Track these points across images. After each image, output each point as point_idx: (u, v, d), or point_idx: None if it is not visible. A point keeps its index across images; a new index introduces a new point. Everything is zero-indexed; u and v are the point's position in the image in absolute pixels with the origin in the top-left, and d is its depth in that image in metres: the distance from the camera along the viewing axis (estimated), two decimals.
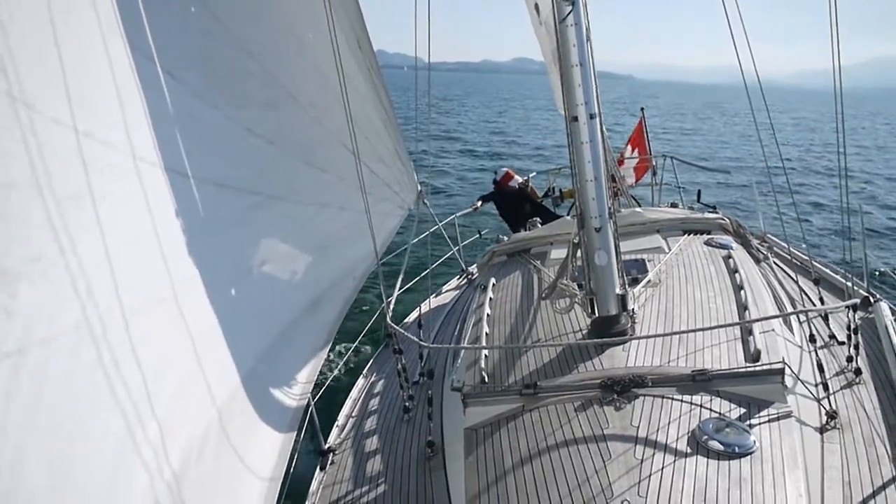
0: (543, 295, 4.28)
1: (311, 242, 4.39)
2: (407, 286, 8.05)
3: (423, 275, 6.88)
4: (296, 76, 4.18)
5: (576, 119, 3.64)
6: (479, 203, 9.47)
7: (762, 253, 5.70)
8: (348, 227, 4.73)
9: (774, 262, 5.67)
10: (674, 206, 7.69)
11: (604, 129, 3.98)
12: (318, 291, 4.43)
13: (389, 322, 4.09)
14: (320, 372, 4.30)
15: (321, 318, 4.42)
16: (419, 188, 6.46)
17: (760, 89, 4.36)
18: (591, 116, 3.64)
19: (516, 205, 9.29)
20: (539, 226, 6.79)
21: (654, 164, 11.93)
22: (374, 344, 6.51)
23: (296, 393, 3.90)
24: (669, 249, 5.18)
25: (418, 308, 6.01)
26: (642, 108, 13.43)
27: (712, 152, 37.06)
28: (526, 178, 10.66)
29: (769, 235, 7.09)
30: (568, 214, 8.52)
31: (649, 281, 4.43)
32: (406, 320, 6.88)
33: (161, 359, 2.61)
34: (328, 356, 4.60)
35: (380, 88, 5.26)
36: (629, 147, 13.01)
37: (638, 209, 6.41)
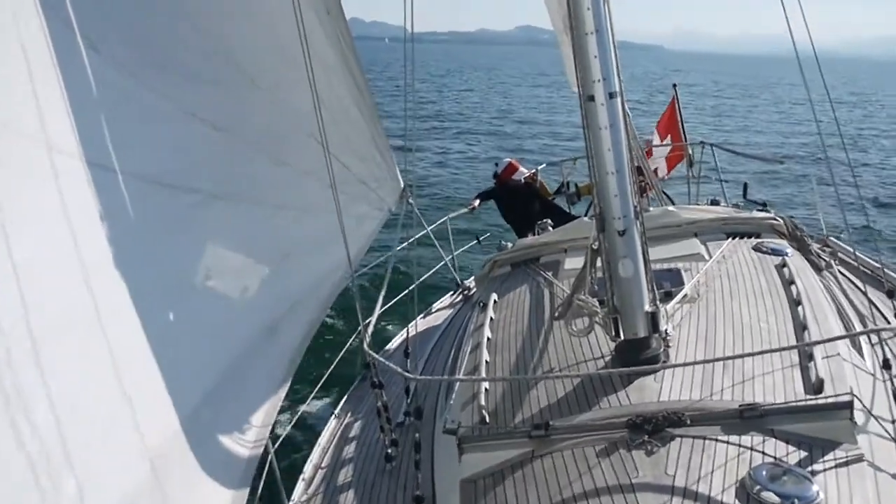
0: (556, 314, 4.27)
1: (268, 252, 4.37)
2: (389, 304, 8.05)
3: (408, 290, 6.86)
4: (249, 47, 4.17)
5: (592, 98, 3.65)
6: (477, 202, 9.48)
7: (823, 260, 5.72)
8: (314, 232, 4.71)
9: (839, 271, 5.69)
10: (715, 203, 7.72)
11: (627, 110, 3.98)
12: (277, 313, 4.40)
13: (367, 349, 4.07)
14: (281, 412, 4.26)
15: (281, 346, 4.40)
16: (403, 185, 6.46)
17: (816, 60, 4.38)
18: (612, 95, 3.64)
19: (522, 203, 9.31)
20: (550, 229, 6.78)
21: (689, 152, 11.98)
22: (348, 376, 6.47)
23: (249, 440, 3.85)
24: (710, 256, 5.18)
25: (403, 331, 5.98)
26: (675, 85, 13.51)
27: (760, 138, 37.35)
28: (534, 170, 10.67)
29: (832, 238, 7.12)
30: (585, 215, 8.52)
31: (686, 295, 4.43)
32: (388, 347, 6.85)
33: (79, 396, 2.57)
34: (290, 393, 4.57)
35: (353, 64, 5.26)
36: (659, 132, 13.09)
37: (671, 208, 6.42)
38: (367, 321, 4.48)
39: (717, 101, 62.62)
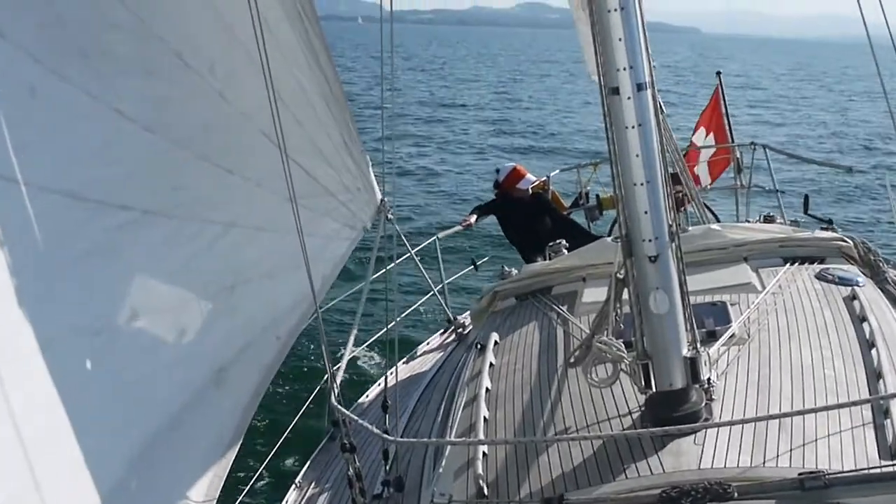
0: (572, 359, 4.27)
1: (213, 282, 4.36)
2: (363, 346, 8.04)
3: (387, 328, 6.84)
4: (188, 27, 4.17)
5: (616, 91, 3.67)
6: (474, 217, 9.49)
7: None
8: (270, 257, 4.71)
9: None
10: (769, 219, 7.76)
11: (660, 104, 4.01)
12: (225, 357, 4.39)
13: (335, 403, 4.05)
14: (229, 480, 4.23)
15: (229, 398, 4.38)
16: (381, 198, 6.46)
17: (894, 43, 4.40)
18: (640, 87, 3.66)
19: (530, 219, 9.32)
20: (565, 251, 6.81)
21: (738, 156, 12.06)
22: (312, 436, 6.44)
23: None
24: (763, 287, 5.21)
25: (381, 380, 5.97)
26: (718, 73, 13.60)
27: (822, 141, 37.62)
28: (544, 177, 10.72)
29: None
30: (609, 235, 8.54)
31: (733, 336, 4.45)
32: (363, 399, 6.83)
33: None
34: (241, 456, 4.54)
35: (319, 48, 5.27)
36: (701, 131, 13.16)
37: (714, 226, 6.45)
38: (336, 367, 4.46)
39: (767, 93, 63.11)
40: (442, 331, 8.13)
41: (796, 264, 5.63)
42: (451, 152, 33.04)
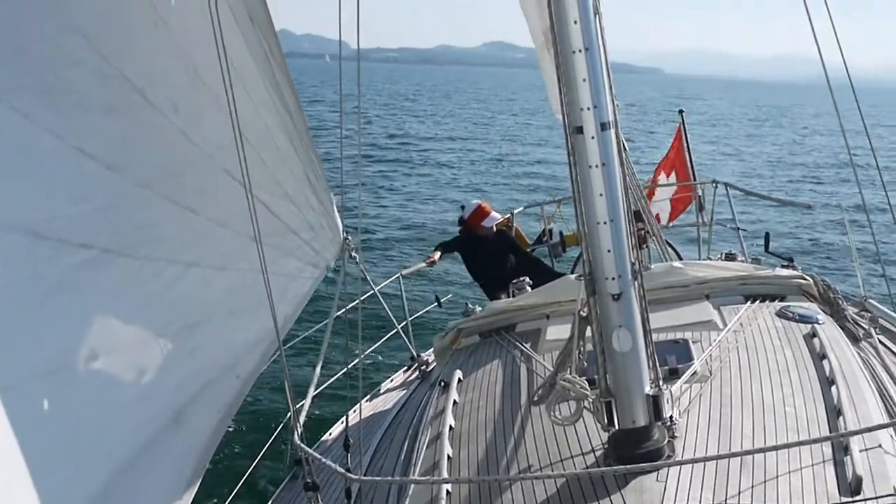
0: (535, 397, 4.27)
1: (173, 320, 4.31)
2: (327, 384, 7.99)
3: (350, 366, 6.81)
4: (151, 65, 4.15)
5: (580, 130, 3.69)
6: (438, 254, 9.49)
7: (861, 327, 5.79)
8: (232, 296, 4.67)
9: (880, 342, 5.76)
10: (730, 257, 7.84)
11: (624, 143, 4.04)
12: (184, 396, 4.33)
13: (298, 442, 4.02)
14: None
15: (189, 439, 4.32)
16: (345, 236, 6.45)
17: (851, 84, 4.48)
18: (604, 126, 3.69)
19: (494, 256, 9.34)
20: (528, 289, 6.82)
21: (700, 194, 12.18)
22: (274, 475, 6.38)
23: None
24: (725, 324, 5.23)
25: (344, 418, 5.92)
26: (681, 111, 13.76)
27: (784, 179, 38.11)
28: (508, 214, 10.75)
29: (871, 301, 7.21)
30: (572, 272, 8.57)
31: (695, 373, 4.46)
32: (325, 437, 6.77)
33: None
34: (201, 497, 4.48)
35: (284, 85, 5.27)
36: (663, 170, 13.29)
37: (677, 263, 6.49)
38: (299, 405, 4.42)
39: (731, 135, 63.97)
40: (405, 368, 8.10)
41: (757, 302, 5.66)
42: (416, 186, 33.12)
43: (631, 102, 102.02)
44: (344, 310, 6.26)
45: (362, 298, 7.44)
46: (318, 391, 5.30)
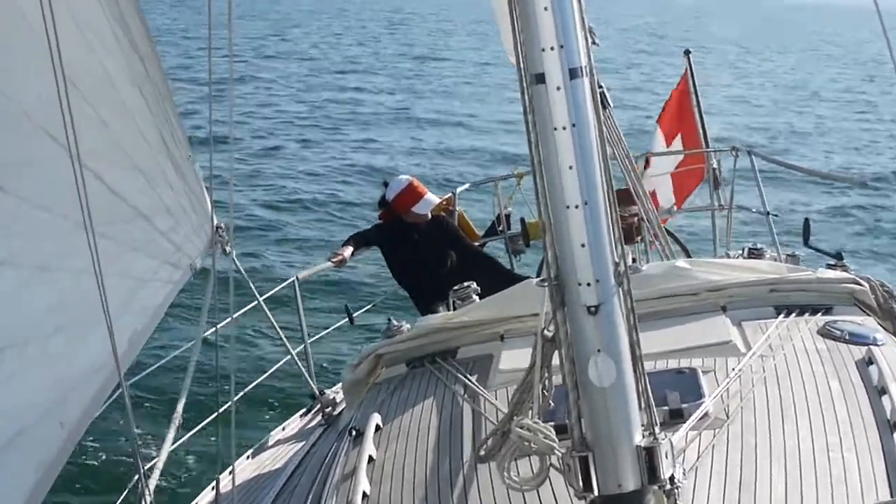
0: (483, 451, 4.28)
1: None
2: (193, 432, 7.91)
3: (225, 407, 6.79)
4: None
5: (541, 79, 3.71)
6: (349, 250, 9.46)
7: None
8: (57, 307, 4.64)
9: None
10: (756, 253, 7.87)
11: (605, 96, 4.05)
12: None
13: None
14: None
15: None
16: (217, 224, 6.44)
17: None
18: (574, 73, 3.70)
19: (427, 253, 9.35)
20: (476, 298, 6.83)
21: (715, 166, 12.25)
22: None
23: None
24: (748, 347, 5.28)
25: (214, 484, 5.90)
26: (687, 52, 13.85)
27: (832, 146, 38.61)
28: (449, 194, 10.76)
29: None
30: (538, 275, 8.61)
31: (706, 416, 4.49)
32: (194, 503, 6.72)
33: None
34: None
35: (131, 15, 5.24)
36: (661, 133, 13.37)
37: (681, 262, 6.56)
38: (149, 465, 4.40)
39: (758, 78, 64.59)
40: (303, 410, 8.07)
41: (793, 315, 5.70)
42: (316, 153, 32.96)
43: (622, 28, 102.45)
44: (214, 329, 6.24)
45: (242, 312, 7.43)
46: (177, 444, 5.28)
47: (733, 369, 4.97)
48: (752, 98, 52.79)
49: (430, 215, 9.39)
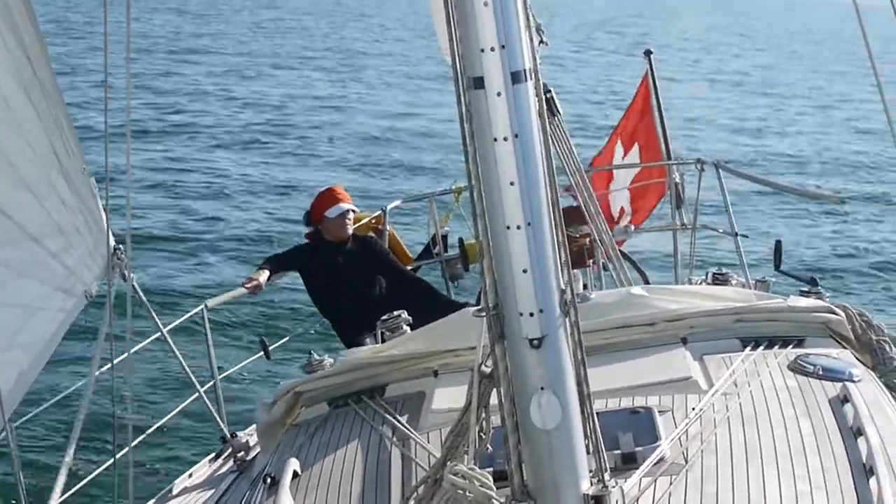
0: (413, 500, 4.29)
1: None
2: (85, 481, 7.83)
3: (122, 453, 6.74)
4: None
5: (481, 83, 3.71)
6: (265, 274, 9.43)
7: None
8: None
9: None
10: (721, 279, 7.92)
11: (554, 102, 4.04)
12: None
13: None
14: None
15: None
16: (115, 246, 6.41)
17: None
18: (518, 77, 3.70)
19: (353, 277, 9.34)
20: (406, 329, 6.82)
21: (678, 180, 12.29)
22: None
23: None
24: (710, 384, 5.30)
25: None
26: (648, 53, 13.93)
27: (805, 156, 38.97)
28: (378, 212, 10.75)
29: None
30: (477, 303, 8.63)
31: (663, 460, 4.50)
32: None
33: None
34: None
35: (17, 8, 5.22)
36: (620, 143, 13.42)
37: (637, 289, 6.59)
38: None
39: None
40: (212, 455, 8.02)
41: (761, 348, 5.72)
42: (228, 163, 32.78)
43: (576, 25, 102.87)
44: (110, 364, 6.20)
45: (143, 344, 7.38)
46: (68, 495, 5.23)
47: (693, 409, 4.99)
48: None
49: (350, 231, 9.36)
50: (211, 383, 8.15)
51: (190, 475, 7.82)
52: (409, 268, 10.18)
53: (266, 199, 28.04)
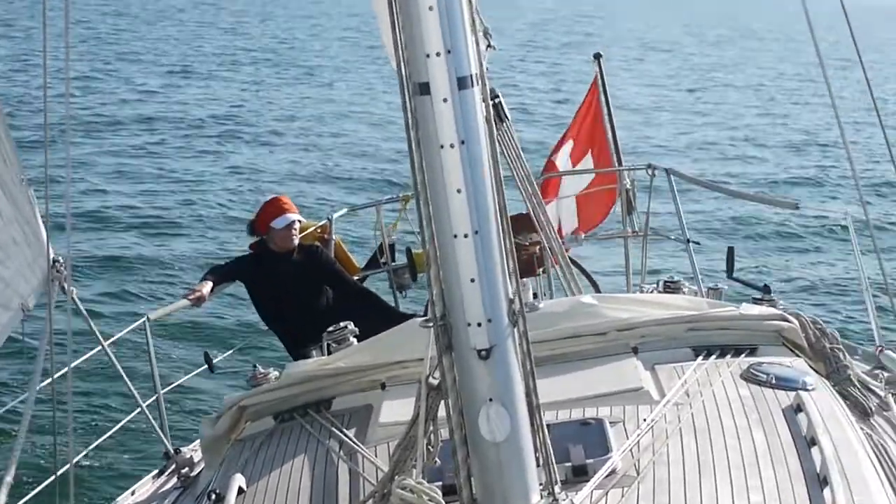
0: None
1: None
2: (26, 499, 7.75)
3: (62, 470, 6.69)
4: None
5: (426, 89, 3.69)
6: (209, 286, 9.40)
7: (874, 394, 5.97)
8: None
9: None
10: (673, 287, 7.93)
11: (502, 108, 4.02)
12: None
13: None
14: None
15: None
16: (54, 258, 6.36)
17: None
18: (464, 82, 3.69)
19: (298, 287, 9.31)
20: (353, 341, 6.80)
21: (629, 186, 12.31)
22: None
23: None
24: (662, 394, 5.31)
25: None
26: (598, 56, 13.94)
27: (758, 161, 39.17)
28: (323, 221, 10.72)
29: (888, 353, 7.42)
30: (425, 314, 8.62)
31: (614, 473, 4.50)
32: None
33: None
34: None
35: None
36: (567, 146, 13.42)
37: (587, 298, 6.58)
38: None
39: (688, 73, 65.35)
40: (156, 472, 7.97)
41: (713, 357, 5.73)
42: (173, 170, 32.60)
43: (524, 25, 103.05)
44: (51, 379, 6.15)
45: (83, 359, 7.33)
46: None
47: (645, 419, 4.99)
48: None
49: (296, 241, 9.35)
50: (154, 398, 8.10)
51: (133, 492, 7.76)
52: (355, 278, 10.17)
53: (208, 205, 27.93)
